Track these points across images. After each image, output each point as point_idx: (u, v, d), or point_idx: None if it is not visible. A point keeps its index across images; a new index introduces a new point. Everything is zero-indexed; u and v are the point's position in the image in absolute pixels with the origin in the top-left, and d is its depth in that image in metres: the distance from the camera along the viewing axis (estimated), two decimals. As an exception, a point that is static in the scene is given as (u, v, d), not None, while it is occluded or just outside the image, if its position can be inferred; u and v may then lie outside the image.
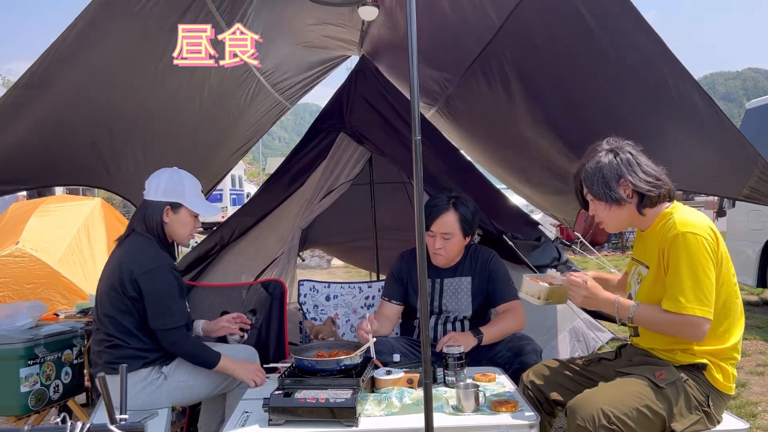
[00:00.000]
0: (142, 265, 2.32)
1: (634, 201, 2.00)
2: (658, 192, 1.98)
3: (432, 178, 3.41)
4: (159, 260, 2.36)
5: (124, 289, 2.31)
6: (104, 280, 2.40)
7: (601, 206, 2.05)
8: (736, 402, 3.45)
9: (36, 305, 3.02)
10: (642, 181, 1.97)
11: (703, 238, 1.86)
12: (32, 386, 2.76)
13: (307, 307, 3.39)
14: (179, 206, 2.45)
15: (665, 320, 1.88)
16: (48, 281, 4.55)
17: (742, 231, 5.92)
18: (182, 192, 2.45)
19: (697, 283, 1.83)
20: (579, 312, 3.87)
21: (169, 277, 2.36)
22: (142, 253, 2.37)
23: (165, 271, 2.36)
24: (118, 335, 2.33)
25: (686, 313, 1.83)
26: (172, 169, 2.52)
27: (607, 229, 2.17)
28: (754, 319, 5.39)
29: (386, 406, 2.02)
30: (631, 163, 1.99)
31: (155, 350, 2.38)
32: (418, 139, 1.77)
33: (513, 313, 2.72)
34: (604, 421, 1.77)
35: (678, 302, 1.84)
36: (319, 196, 3.70)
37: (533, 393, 2.20)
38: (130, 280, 2.30)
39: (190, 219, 2.49)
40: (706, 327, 1.85)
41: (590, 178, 2.04)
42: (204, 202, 2.56)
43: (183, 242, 2.54)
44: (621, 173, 1.98)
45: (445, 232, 2.68)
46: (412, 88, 1.78)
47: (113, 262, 2.41)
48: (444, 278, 2.80)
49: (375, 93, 3.66)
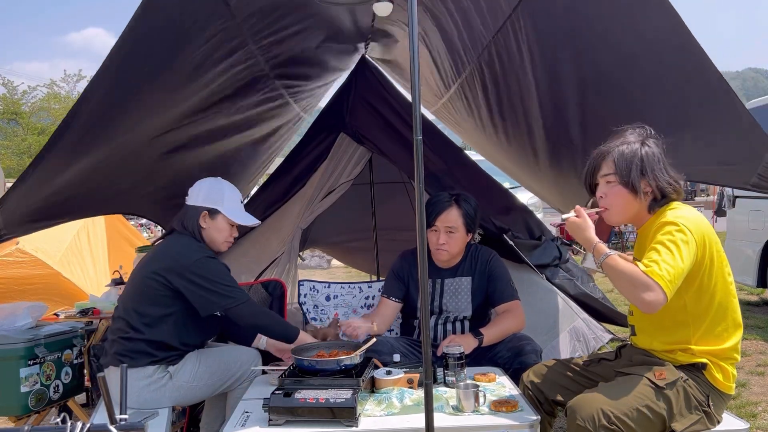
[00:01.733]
0: (192, 253, 2.40)
1: (648, 199, 2.00)
2: (676, 197, 1.99)
3: (432, 177, 3.41)
4: (206, 251, 2.46)
5: (169, 279, 2.35)
6: (143, 267, 2.45)
7: (619, 191, 2.01)
8: (736, 402, 3.45)
9: (36, 305, 3.02)
10: (664, 182, 1.97)
11: (687, 229, 1.86)
12: (32, 386, 2.76)
13: (307, 307, 3.38)
14: (216, 212, 2.53)
15: (630, 272, 1.82)
16: (48, 281, 4.56)
17: (742, 231, 5.91)
18: (221, 199, 2.54)
19: (671, 259, 1.81)
20: (579, 312, 3.87)
21: (219, 262, 2.46)
22: (190, 245, 2.45)
23: (214, 258, 2.46)
24: (137, 326, 2.35)
25: (651, 276, 1.78)
26: (215, 178, 2.62)
27: (609, 218, 2.12)
28: (754, 319, 5.38)
29: (386, 407, 2.02)
30: (660, 161, 1.99)
31: (165, 349, 2.38)
32: (420, 139, 1.77)
33: (513, 314, 2.72)
34: (604, 421, 1.76)
35: (647, 265, 1.81)
36: (319, 197, 3.70)
37: (533, 393, 2.20)
38: (178, 272, 2.35)
39: (226, 226, 2.56)
40: (659, 304, 1.78)
41: (624, 161, 1.99)
42: (242, 212, 2.62)
43: (219, 248, 2.59)
44: (653, 168, 1.97)
45: (449, 226, 2.70)
46: (412, 88, 1.78)
47: (156, 253, 2.49)
48: (444, 278, 2.80)
49: (375, 93, 3.66)
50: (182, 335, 2.41)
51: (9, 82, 29.26)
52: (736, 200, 5.97)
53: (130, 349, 2.34)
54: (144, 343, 2.35)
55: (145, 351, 2.34)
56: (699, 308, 1.93)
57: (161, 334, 2.36)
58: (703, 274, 1.91)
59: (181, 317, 2.39)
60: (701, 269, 1.90)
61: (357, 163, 3.74)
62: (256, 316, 2.48)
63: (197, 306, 2.37)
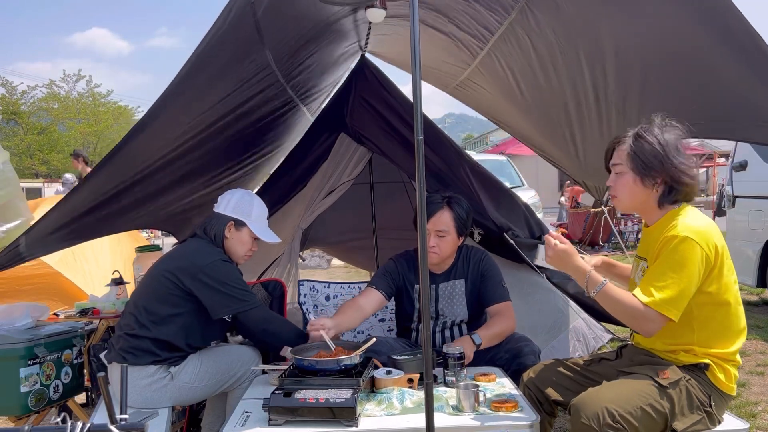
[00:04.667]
0: (207, 256, 2.42)
1: (659, 191, 1.97)
2: (687, 192, 1.95)
3: (433, 176, 3.41)
4: (222, 254, 2.48)
5: (181, 280, 2.36)
6: (157, 265, 2.48)
7: (626, 180, 2.00)
8: (736, 402, 3.44)
9: (36, 306, 3.02)
10: (676, 171, 1.92)
11: (700, 247, 1.84)
12: (32, 386, 2.76)
13: (307, 307, 3.38)
14: (243, 225, 2.54)
15: (628, 304, 1.83)
16: (48, 281, 4.54)
17: (742, 231, 5.91)
18: (249, 213, 2.56)
19: (678, 284, 1.81)
20: (579, 312, 3.87)
21: (233, 266, 2.47)
22: (205, 248, 2.47)
23: (229, 262, 2.47)
24: (145, 323, 2.36)
25: (653, 307, 1.80)
26: (247, 190, 2.65)
27: (618, 204, 2.11)
28: (754, 319, 5.38)
29: (386, 407, 2.02)
30: (674, 150, 1.93)
31: (169, 350, 2.39)
32: (421, 139, 1.77)
33: (504, 316, 2.68)
34: (609, 420, 1.76)
35: (650, 294, 1.82)
36: (320, 197, 3.70)
37: (533, 393, 2.20)
38: (191, 273, 2.36)
39: (249, 239, 2.58)
40: (660, 327, 1.82)
41: (635, 151, 1.96)
42: (267, 229, 2.63)
43: (239, 261, 2.60)
44: (665, 158, 1.92)
45: (440, 229, 2.66)
46: (414, 88, 1.78)
47: (173, 254, 2.51)
48: (438, 283, 2.78)
49: (375, 93, 3.66)
50: (188, 337, 2.42)
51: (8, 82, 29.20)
52: (736, 200, 5.97)
53: (134, 346, 2.34)
54: (149, 341, 2.35)
55: (149, 350, 2.35)
56: (704, 313, 1.93)
57: (167, 334, 2.36)
58: (711, 281, 1.90)
59: (188, 318, 2.40)
60: (710, 277, 1.89)
61: (357, 162, 3.74)
62: (268, 321, 2.48)
63: (209, 307, 2.38)
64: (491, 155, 15.02)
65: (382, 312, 3.43)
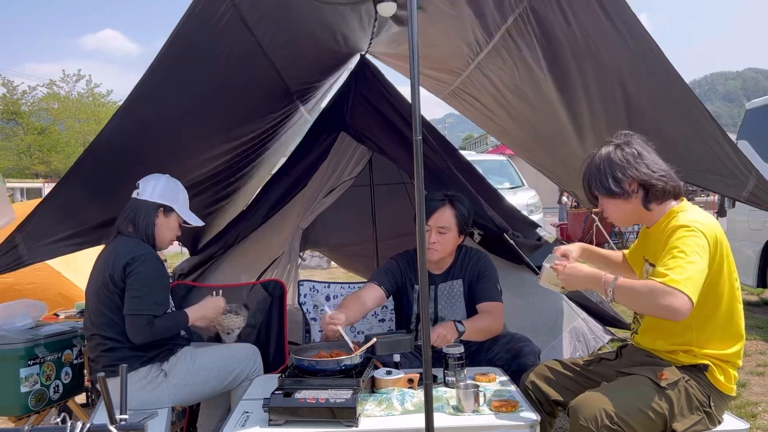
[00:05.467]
0: (130, 252, 2.37)
1: (639, 196, 2.00)
2: (663, 187, 1.96)
3: (433, 176, 3.41)
4: (147, 249, 2.43)
5: (114, 282, 2.33)
6: (93, 281, 2.44)
7: (606, 200, 2.05)
8: (736, 402, 3.44)
9: (36, 305, 3.02)
10: (646, 175, 1.96)
11: (702, 233, 1.84)
12: (32, 386, 2.76)
13: (307, 307, 3.39)
14: (171, 211, 2.55)
15: (647, 288, 1.77)
16: (48, 281, 4.54)
17: (742, 231, 5.91)
18: (176, 198, 2.57)
19: (690, 265, 1.76)
20: (579, 312, 3.87)
21: (157, 263, 2.41)
22: (130, 244, 2.42)
23: (153, 257, 2.41)
24: (113, 336, 2.34)
25: (671, 284, 1.72)
26: (168, 176, 2.60)
27: (616, 224, 2.17)
28: (754, 319, 5.38)
29: (386, 407, 2.02)
30: (636, 157, 1.98)
31: (153, 347, 2.38)
32: (419, 139, 1.77)
33: (492, 315, 2.68)
34: (607, 421, 1.76)
35: (665, 275, 1.76)
36: (320, 196, 3.70)
37: (533, 393, 2.20)
38: (119, 271, 2.33)
39: (176, 225, 2.60)
40: (687, 308, 1.72)
41: (595, 172, 2.03)
42: (191, 213, 2.65)
43: (164, 246, 2.61)
44: (625, 166, 1.98)
45: (441, 226, 2.67)
46: (412, 88, 1.78)
47: (100, 262, 2.45)
48: (438, 284, 2.78)
49: (375, 93, 3.65)
50: None
51: (9, 82, 29.18)
52: (736, 200, 5.97)
53: (116, 358, 2.33)
54: (127, 349, 2.34)
55: (132, 355, 2.34)
56: (704, 312, 1.92)
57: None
58: (712, 277, 1.89)
59: None
60: (710, 273, 1.88)
61: (357, 162, 3.74)
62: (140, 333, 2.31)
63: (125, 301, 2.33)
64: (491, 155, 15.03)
65: (382, 312, 3.43)
